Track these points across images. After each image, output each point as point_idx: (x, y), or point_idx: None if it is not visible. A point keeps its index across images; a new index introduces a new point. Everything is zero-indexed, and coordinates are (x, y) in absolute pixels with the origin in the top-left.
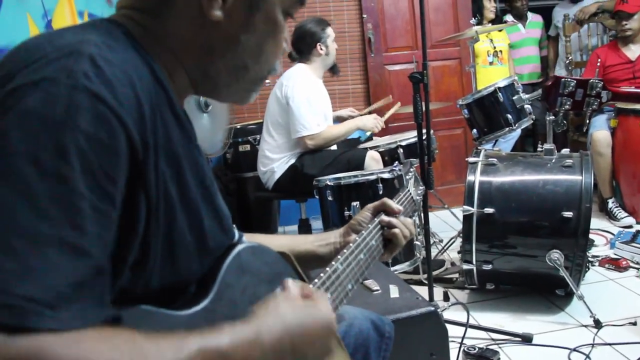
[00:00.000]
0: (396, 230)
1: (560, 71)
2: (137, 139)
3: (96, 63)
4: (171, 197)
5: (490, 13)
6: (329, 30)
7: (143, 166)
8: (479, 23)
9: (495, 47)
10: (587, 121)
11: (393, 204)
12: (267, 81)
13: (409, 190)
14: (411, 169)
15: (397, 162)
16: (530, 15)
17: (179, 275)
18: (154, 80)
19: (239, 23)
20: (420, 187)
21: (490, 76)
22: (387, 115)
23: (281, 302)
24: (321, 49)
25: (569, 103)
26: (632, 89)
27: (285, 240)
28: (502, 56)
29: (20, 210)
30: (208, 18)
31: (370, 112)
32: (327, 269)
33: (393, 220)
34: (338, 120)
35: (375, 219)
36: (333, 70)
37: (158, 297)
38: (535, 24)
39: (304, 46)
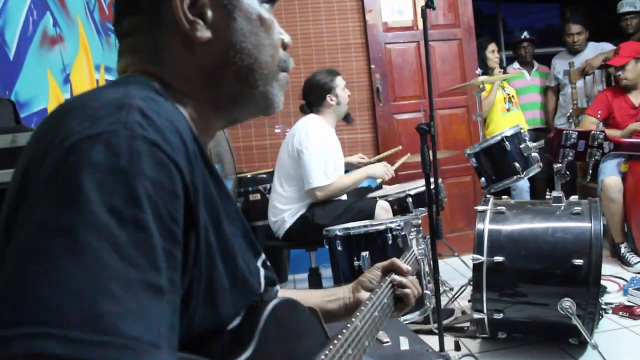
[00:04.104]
0: (407, 290)
1: (560, 119)
2: (190, 182)
3: (146, 114)
4: (211, 241)
5: (494, 63)
6: (339, 80)
7: (195, 209)
8: (486, 73)
9: (509, 94)
10: (590, 171)
11: (402, 264)
12: (278, 131)
13: (413, 251)
14: (412, 229)
15: (393, 216)
16: (536, 64)
17: (217, 319)
18: (189, 129)
19: (225, 33)
20: (421, 246)
21: (512, 122)
22: (397, 165)
23: None
24: (331, 100)
25: (571, 154)
26: (635, 140)
27: (294, 294)
28: (515, 100)
29: (110, 257)
30: (196, 42)
31: (379, 160)
32: (348, 325)
33: (404, 280)
34: (347, 166)
35: (387, 277)
36: (346, 119)
37: (197, 340)
38: (541, 73)
39: (314, 98)
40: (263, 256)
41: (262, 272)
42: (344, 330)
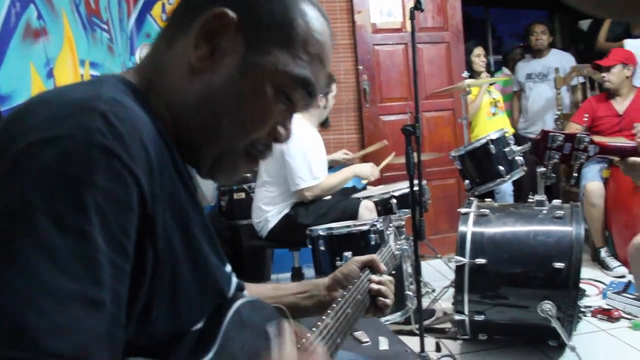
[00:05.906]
0: (387, 301)
1: (521, 125)
2: (148, 193)
3: (108, 119)
4: (175, 249)
5: (480, 67)
6: (333, 87)
7: (152, 219)
8: (473, 77)
9: (495, 98)
10: (575, 174)
11: (381, 264)
12: None
13: (390, 246)
14: (390, 225)
15: (377, 216)
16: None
17: (181, 323)
18: (158, 136)
19: (223, 79)
20: (399, 241)
21: (497, 126)
22: (381, 165)
23: (283, 356)
24: (320, 101)
25: (557, 156)
26: (619, 144)
27: (268, 290)
28: (501, 105)
29: (44, 266)
30: (196, 70)
31: (364, 156)
32: (319, 323)
33: (382, 288)
34: (332, 163)
35: (361, 273)
36: (324, 124)
37: (159, 345)
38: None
39: None
40: (229, 266)
41: (233, 277)
42: (313, 329)
